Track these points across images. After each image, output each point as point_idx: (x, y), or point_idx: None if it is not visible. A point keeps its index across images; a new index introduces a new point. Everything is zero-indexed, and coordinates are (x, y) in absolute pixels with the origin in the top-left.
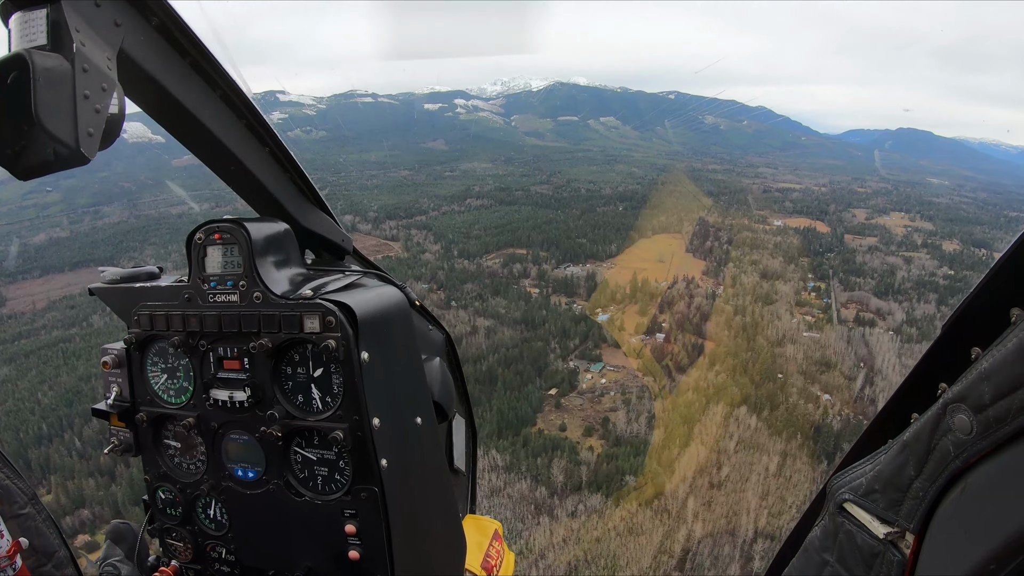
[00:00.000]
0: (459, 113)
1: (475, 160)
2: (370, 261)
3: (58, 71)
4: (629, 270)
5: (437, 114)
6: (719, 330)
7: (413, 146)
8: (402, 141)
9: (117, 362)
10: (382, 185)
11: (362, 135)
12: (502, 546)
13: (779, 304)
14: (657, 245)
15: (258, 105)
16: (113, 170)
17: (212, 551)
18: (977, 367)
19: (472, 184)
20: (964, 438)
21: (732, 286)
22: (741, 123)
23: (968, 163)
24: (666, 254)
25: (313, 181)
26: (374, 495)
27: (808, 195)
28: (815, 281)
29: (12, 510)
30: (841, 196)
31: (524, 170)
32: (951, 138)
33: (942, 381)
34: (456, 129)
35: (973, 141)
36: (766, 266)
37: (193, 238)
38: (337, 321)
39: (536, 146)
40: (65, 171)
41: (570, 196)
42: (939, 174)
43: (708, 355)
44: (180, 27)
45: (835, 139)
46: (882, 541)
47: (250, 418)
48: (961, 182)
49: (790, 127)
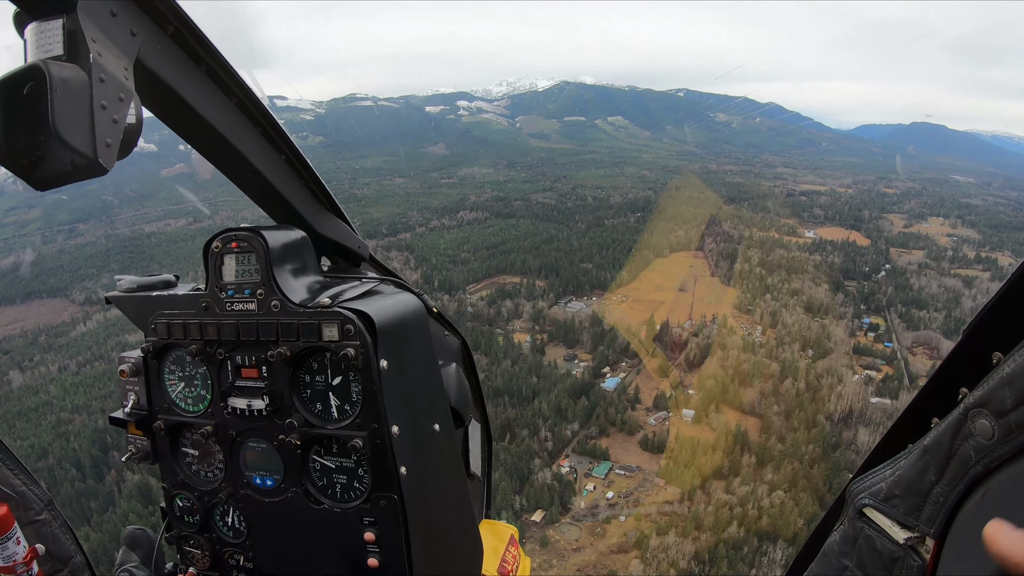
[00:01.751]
0: (462, 115)
1: (476, 165)
2: (387, 268)
3: (75, 81)
4: (644, 304)
5: (439, 117)
6: (766, 403)
7: (412, 151)
8: (401, 146)
9: (134, 370)
10: (372, 195)
11: (360, 140)
12: (518, 551)
13: (834, 354)
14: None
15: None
16: (101, 181)
17: (230, 559)
18: (999, 372)
19: (469, 192)
20: (985, 443)
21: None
22: (754, 120)
23: (986, 157)
24: (688, 280)
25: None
26: (393, 503)
27: (835, 198)
28: (869, 315)
29: (28, 516)
30: (870, 199)
31: (527, 175)
32: (965, 131)
33: (963, 386)
34: (458, 132)
35: (986, 134)
36: (809, 297)
37: (210, 246)
38: (356, 329)
39: (541, 148)
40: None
41: (575, 206)
42: (961, 170)
43: (756, 449)
44: (195, 35)
45: (849, 135)
46: (902, 546)
47: (268, 426)
48: (985, 179)
49: (803, 123)
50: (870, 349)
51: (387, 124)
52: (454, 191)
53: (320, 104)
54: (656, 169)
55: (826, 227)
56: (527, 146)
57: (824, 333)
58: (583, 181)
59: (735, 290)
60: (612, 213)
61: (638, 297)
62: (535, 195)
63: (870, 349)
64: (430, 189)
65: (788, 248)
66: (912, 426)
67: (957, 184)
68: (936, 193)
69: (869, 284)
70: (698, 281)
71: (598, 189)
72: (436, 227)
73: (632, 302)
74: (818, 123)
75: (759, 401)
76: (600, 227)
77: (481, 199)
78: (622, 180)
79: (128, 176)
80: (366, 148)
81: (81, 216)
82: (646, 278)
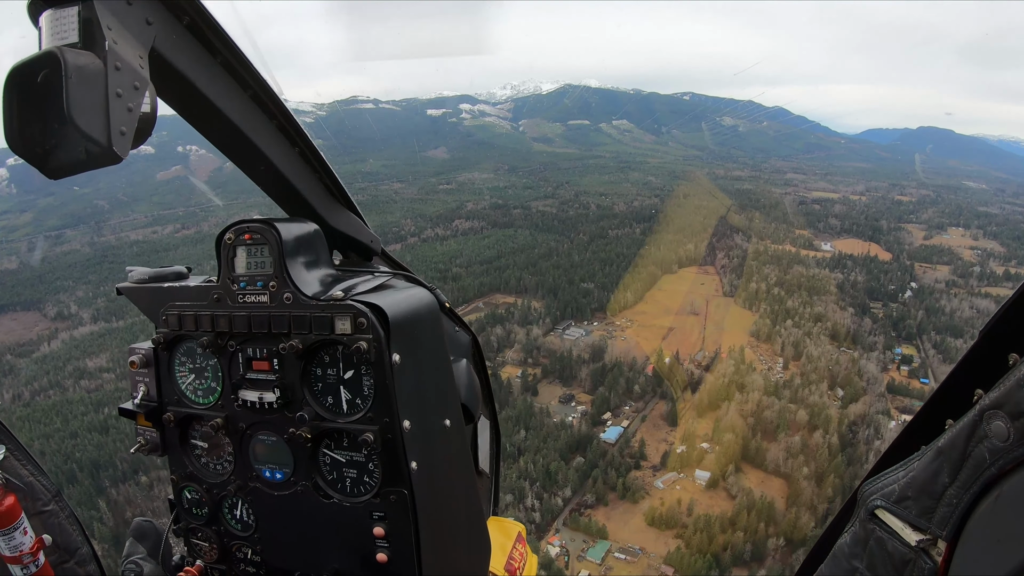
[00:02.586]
0: (464, 119)
1: (476, 170)
2: (399, 262)
3: (90, 69)
4: (651, 330)
5: (440, 120)
6: (794, 463)
7: (412, 155)
8: (401, 149)
9: (144, 362)
10: (367, 201)
11: (360, 143)
12: (525, 548)
13: (867, 396)
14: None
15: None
16: (95, 184)
17: (238, 552)
18: (1015, 373)
19: (467, 199)
20: (1001, 445)
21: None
22: (761, 124)
23: (995, 162)
24: (699, 301)
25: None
26: (403, 497)
27: (849, 206)
28: (901, 344)
29: (36, 507)
30: (885, 207)
31: (528, 181)
32: (972, 136)
33: (978, 387)
34: (460, 136)
35: (993, 138)
36: (834, 323)
37: (223, 238)
38: (369, 323)
39: (544, 153)
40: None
41: (577, 215)
42: (972, 175)
43: (784, 526)
44: (211, 26)
45: (856, 139)
46: (913, 548)
47: (279, 419)
48: (997, 184)
49: (809, 127)
50: (906, 388)
51: (388, 127)
52: (452, 197)
53: (321, 107)
54: (662, 175)
55: (843, 239)
56: (530, 150)
57: (854, 368)
58: (586, 187)
59: (751, 313)
60: (616, 223)
61: (644, 321)
62: (536, 202)
63: (906, 388)
64: (427, 195)
65: (806, 264)
66: (926, 427)
67: (971, 191)
68: (951, 201)
69: (897, 307)
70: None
71: (602, 196)
72: (429, 237)
73: (638, 328)
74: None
75: (785, 459)
76: (603, 239)
77: (479, 207)
78: (627, 187)
79: (122, 179)
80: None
81: (71, 221)
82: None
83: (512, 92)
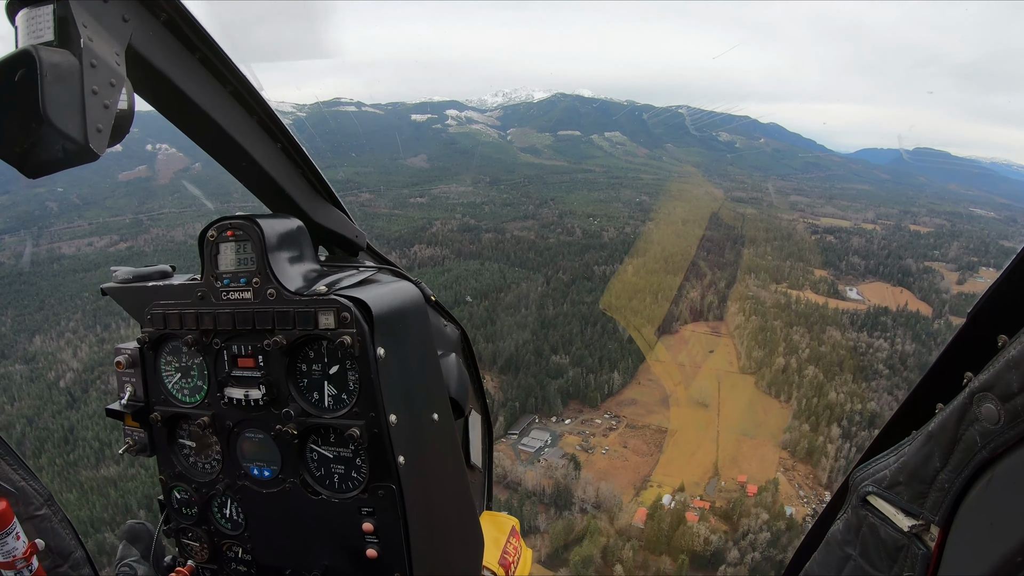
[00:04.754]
0: (449, 125)
1: (454, 181)
2: (384, 257)
3: (66, 67)
4: (642, 437)
5: (424, 126)
6: None
7: (390, 162)
8: (380, 156)
9: (131, 362)
10: None
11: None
12: (519, 543)
13: None
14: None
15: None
16: (51, 184)
17: (228, 551)
18: (1004, 355)
19: (437, 216)
20: (991, 428)
21: None
22: (758, 141)
23: (993, 187)
24: (708, 386)
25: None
26: (391, 493)
27: (864, 237)
28: None
29: (28, 511)
30: (903, 240)
31: (509, 196)
32: (965, 158)
33: (968, 370)
34: (442, 143)
35: (985, 160)
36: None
37: (206, 235)
38: (352, 317)
39: (531, 164)
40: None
41: (559, 243)
42: (977, 201)
43: None
44: (189, 23)
45: (853, 158)
46: (906, 534)
47: (265, 416)
48: (1005, 213)
49: (805, 145)
50: None
51: (368, 131)
52: (420, 214)
53: (302, 108)
54: (656, 194)
55: (869, 282)
56: (515, 161)
57: None
58: (573, 206)
59: (779, 404)
60: (604, 257)
61: (635, 418)
62: (513, 223)
63: None
64: (396, 209)
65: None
66: (916, 412)
67: (982, 220)
68: (970, 233)
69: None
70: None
71: (589, 218)
72: None
73: (624, 431)
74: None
75: None
76: (587, 280)
77: (446, 227)
78: (618, 207)
79: (81, 179)
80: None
81: (13, 225)
82: (646, 377)
83: (503, 99)
